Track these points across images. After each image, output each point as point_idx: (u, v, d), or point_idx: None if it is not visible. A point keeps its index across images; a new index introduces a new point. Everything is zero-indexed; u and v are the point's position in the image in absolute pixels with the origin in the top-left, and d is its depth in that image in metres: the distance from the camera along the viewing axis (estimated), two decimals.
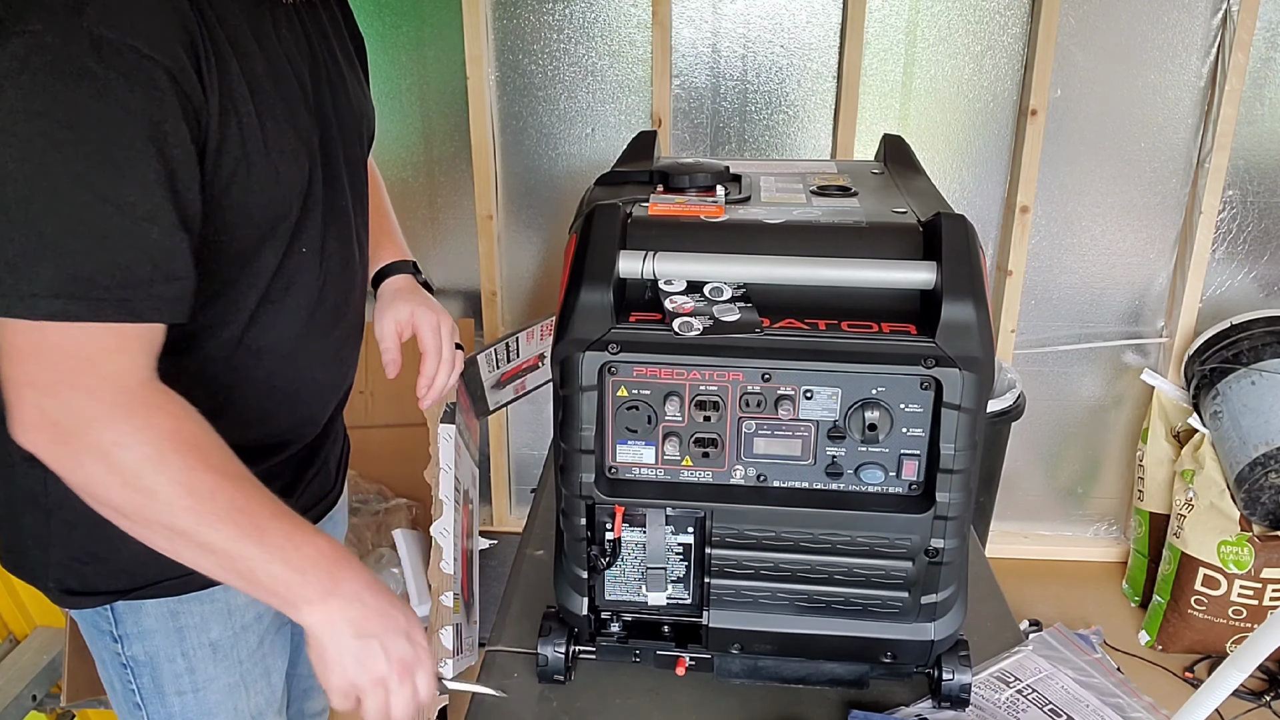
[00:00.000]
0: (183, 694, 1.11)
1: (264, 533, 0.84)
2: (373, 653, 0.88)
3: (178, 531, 0.82)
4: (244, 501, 0.84)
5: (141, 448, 0.80)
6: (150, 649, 1.08)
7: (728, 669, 1.04)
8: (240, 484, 0.85)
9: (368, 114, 1.16)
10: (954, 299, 0.87)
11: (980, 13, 2.36)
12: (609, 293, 0.90)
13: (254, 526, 0.84)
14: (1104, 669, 1.10)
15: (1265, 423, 2.30)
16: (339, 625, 0.87)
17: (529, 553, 1.32)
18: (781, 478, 0.93)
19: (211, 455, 0.84)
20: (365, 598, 0.88)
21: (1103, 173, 2.47)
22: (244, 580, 0.86)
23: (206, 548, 0.83)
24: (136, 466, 0.80)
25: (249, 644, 1.13)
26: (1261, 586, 2.33)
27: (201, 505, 0.82)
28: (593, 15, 2.39)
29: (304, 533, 0.87)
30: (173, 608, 1.07)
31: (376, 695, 0.89)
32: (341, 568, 0.88)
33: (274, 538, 0.85)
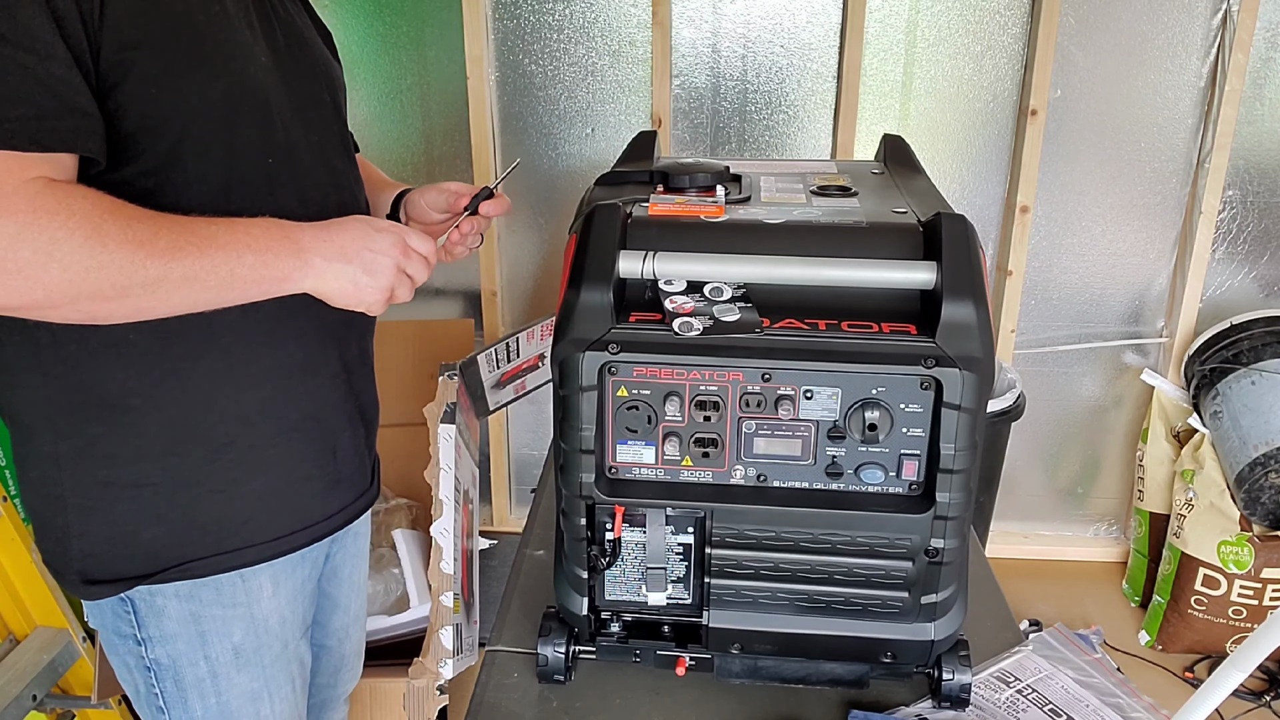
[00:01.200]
0: (205, 698, 1.11)
1: (216, 238, 0.91)
2: (370, 263, 0.99)
3: (152, 281, 0.87)
4: (181, 228, 0.89)
5: (77, 232, 0.83)
6: (173, 652, 1.08)
7: (728, 669, 1.04)
8: (165, 219, 0.89)
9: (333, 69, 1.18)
10: (954, 299, 0.87)
11: (980, 13, 2.36)
12: (609, 293, 0.90)
13: (206, 239, 0.90)
14: (1104, 669, 1.10)
15: (1265, 423, 2.30)
16: (329, 269, 0.97)
17: (529, 553, 1.32)
18: (781, 478, 0.93)
19: (132, 210, 0.88)
20: (326, 233, 0.97)
21: (1103, 173, 2.47)
22: (232, 287, 0.93)
23: (187, 280, 0.89)
24: (83, 249, 0.83)
25: (272, 650, 1.14)
26: (1261, 586, 2.33)
27: (155, 247, 0.87)
28: (593, 15, 2.39)
29: (243, 223, 0.93)
30: (194, 610, 1.08)
31: (402, 284, 1.02)
32: (290, 226, 0.96)
33: (225, 236, 0.91)
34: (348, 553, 1.31)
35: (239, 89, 0.98)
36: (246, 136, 0.99)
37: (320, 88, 1.12)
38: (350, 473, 1.20)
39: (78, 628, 1.93)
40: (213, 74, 0.95)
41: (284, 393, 1.08)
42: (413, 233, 1.03)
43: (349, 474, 1.20)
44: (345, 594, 1.34)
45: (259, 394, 1.06)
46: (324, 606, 1.32)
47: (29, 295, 0.83)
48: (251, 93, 0.99)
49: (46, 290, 0.83)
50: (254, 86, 0.99)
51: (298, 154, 1.06)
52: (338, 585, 1.32)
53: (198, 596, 1.07)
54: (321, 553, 1.22)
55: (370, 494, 1.27)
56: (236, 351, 1.03)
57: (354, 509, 1.22)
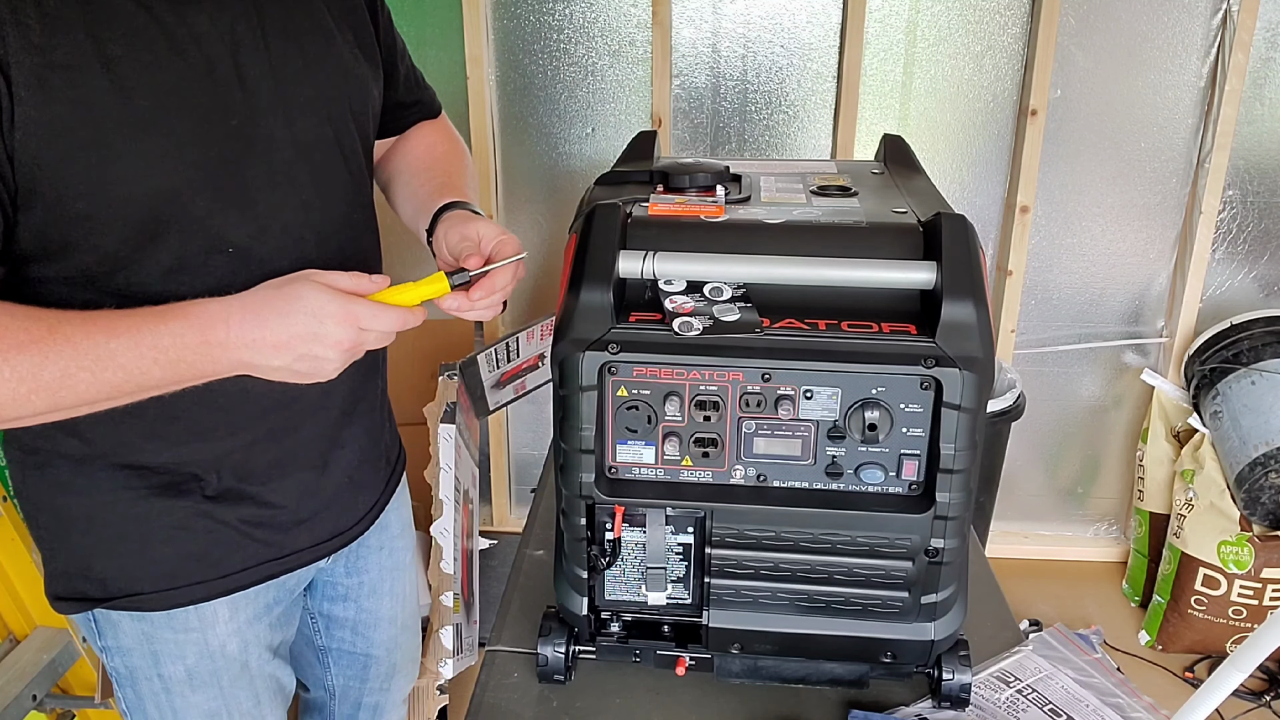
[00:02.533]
0: (161, 711, 1.11)
1: (114, 358, 0.82)
2: (312, 363, 0.87)
3: (46, 410, 0.83)
4: (72, 350, 0.81)
5: None
6: (129, 665, 1.09)
7: (728, 669, 1.04)
8: (56, 339, 0.81)
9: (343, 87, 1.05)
10: (954, 299, 0.87)
11: (980, 13, 2.36)
12: (609, 293, 0.90)
13: (100, 362, 0.82)
14: (1104, 669, 1.10)
15: (1265, 423, 2.30)
16: (261, 368, 0.87)
17: (529, 553, 1.32)
18: (781, 478, 0.93)
19: (15, 335, 0.80)
20: (252, 333, 0.85)
21: (1103, 173, 2.47)
22: (145, 391, 0.86)
23: (82, 403, 0.84)
24: None
25: (230, 672, 1.12)
26: (1261, 586, 2.33)
27: (40, 381, 0.80)
28: (593, 15, 2.39)
29: (149, 329, 0.83)
30: (147, 631, 1.07)
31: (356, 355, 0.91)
32: (206, 326, 0.84)
33: (125, 355, 0.83)
34: (384, 568, 1.31)
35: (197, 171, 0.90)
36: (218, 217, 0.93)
37: (320, 121, 1.02)
38: (318, 511, 1.15)
39: (78, 628, 1.93)
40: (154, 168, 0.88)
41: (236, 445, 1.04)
42: (368, 312, 0.89)
43: (318, 512, 1.15)
44: (388, 607, 1.34)
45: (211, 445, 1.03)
46: (365, 621, 1.33)
47: None
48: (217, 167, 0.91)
49: None
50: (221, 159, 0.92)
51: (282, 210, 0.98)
52: (377, 601, 1.32)
53: (149, 619, 1.06)
54: (299, 581, 1.19)
55: (353, 532, 1.21)
56: (201, 426, 1.01)
57: (326, 547, 1.18)
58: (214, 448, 1.03)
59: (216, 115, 0.91)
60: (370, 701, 1.41)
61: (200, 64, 0.91)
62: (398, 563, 1.34)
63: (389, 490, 1.29)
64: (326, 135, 1.03)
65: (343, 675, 1.38)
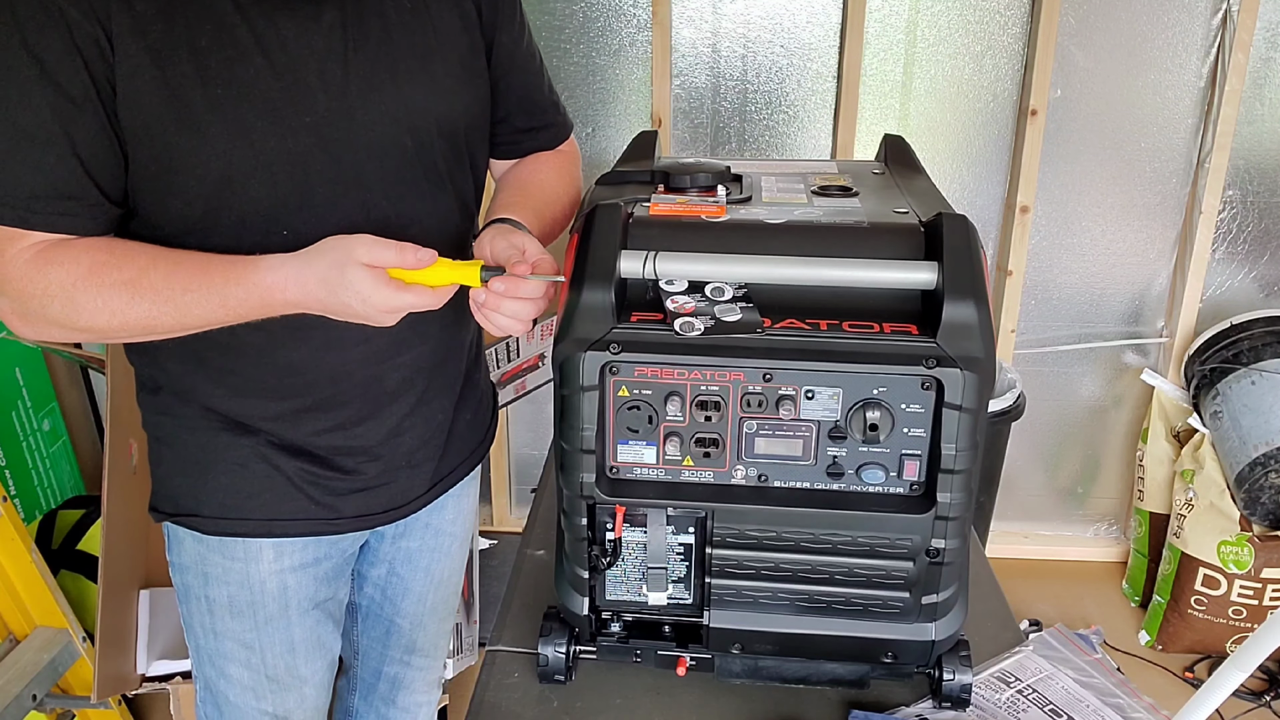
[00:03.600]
0: (205, 631, 1.22)
1: (189, 308, 0.98)
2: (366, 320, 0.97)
3: (138, 335, 1.01)
4: (155, 295, 0.97)
5: (57, 298, 0.96)
6: (186, 581, 1.21)
7: (728, 669, 1.04)
8: (149, 278, 0.97)
9: (432, 103, 1.09)
10: (955, 299, 0.87)
11: (980, 13, 2.36)
12: (610, 293, 0.90)
13: (179, 309, 0.97)
14: (1104, 669, 1.10)
15: (1265, 423, 2.30)
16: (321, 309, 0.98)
17: (529, 553, 1.32)
18: (782, 478, 0.93)
19: (111, 273, 0.96)
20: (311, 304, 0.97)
21: (1103, 173, 2.47)
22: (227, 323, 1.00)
23: (167, 332, 1.00)
24: (61, 316, 0.97)
25: (267, 609, 1.19)
26: (1261, 586, 2.33)
27: (129, 317, 0.97)
28: (593, 15, 2.39)
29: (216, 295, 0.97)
30: (202, 553, 1.18)
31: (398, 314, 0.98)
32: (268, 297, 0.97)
33: (198, 305, 0.97)
34: (426, 544, 1.34)
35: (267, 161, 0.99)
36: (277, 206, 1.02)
37: (399, 131, 1.06)
38: (372, 485, 1.20)
39: (78, 628, 1.93)
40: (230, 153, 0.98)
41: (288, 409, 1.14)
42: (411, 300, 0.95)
43: (372, 487, 1.20)
44: (421, 582, 1.37)
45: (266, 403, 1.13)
46: (395, 586, 1.36)
47: (45, 334, 1.01)
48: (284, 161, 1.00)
49: (56, 337, 1.03)
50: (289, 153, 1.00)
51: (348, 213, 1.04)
52: (412, 571, 1.35)
53: (205, 543, 1.17)
54: (353, 543, 1.25)
55: (408, 508, 1.25)
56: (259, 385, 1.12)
57: (379, 519, 1.23)
58: (269, 406, 1.12)
59: (288, 111, 0.99)
60: (390, 672, 1.44)
61: (282, 64, 0.99)
62: (442, 545, 1.36)
63: (453, 477, 1.30)
64: (405, 145, 1.07)
65: (366, 635, 1.42)
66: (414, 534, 1.32)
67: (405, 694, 1.46)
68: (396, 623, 1.39)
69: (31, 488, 2.38)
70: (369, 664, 1.45)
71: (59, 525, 2.30)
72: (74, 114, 0.93)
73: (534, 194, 1.20)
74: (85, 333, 1.00)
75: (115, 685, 1.89)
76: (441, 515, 1.33)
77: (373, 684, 1.46)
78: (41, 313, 0.98)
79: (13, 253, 0.96)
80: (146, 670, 1.96)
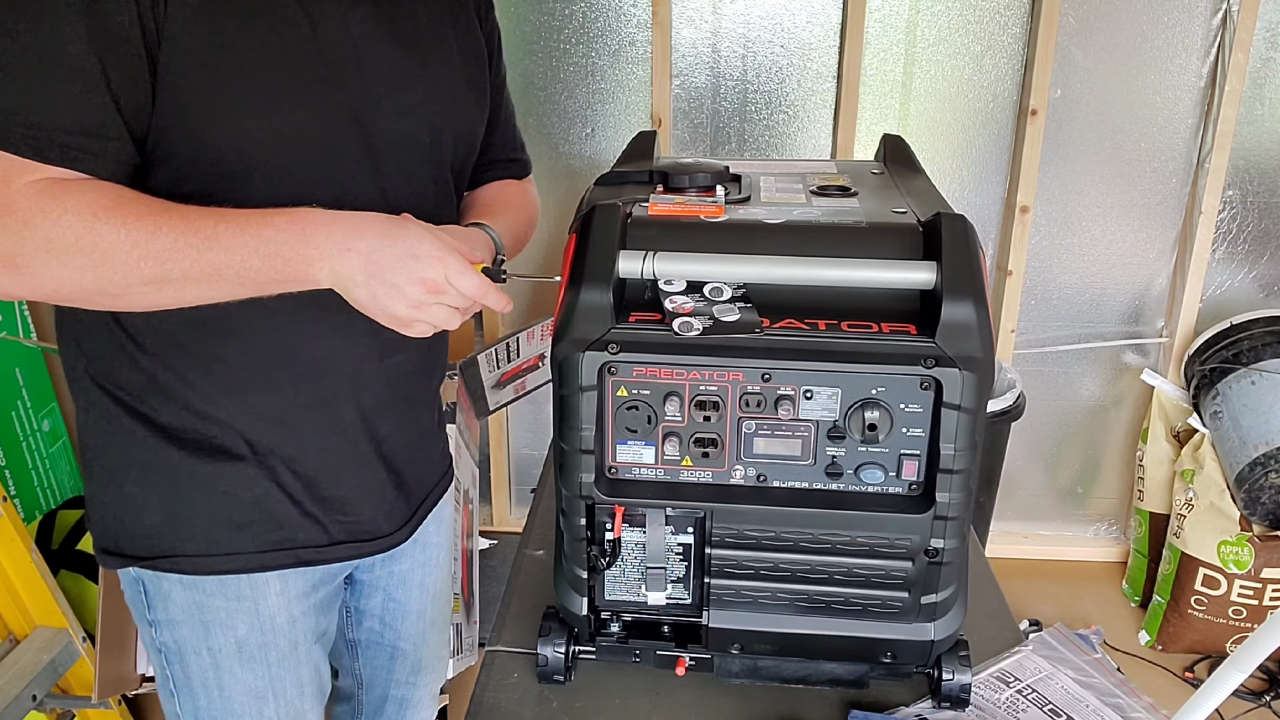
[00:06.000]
0: (209, 690, 1.12)
1: (220, 240, 0.88)
2: (391, 290, 0.91)
3: (152, 279, 0.88)
4: (184, 228, 0.88)
5: (69, 233, 0.85)
6: (178, 638, 1.10)
7: (728, 669, 1.03)
8: (170, 217, 0.88)
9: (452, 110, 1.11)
10: (954, 299, 0.87)
11: (980, 13, 2.36)
12: (609, 293, 0.89)
13: (209, 240, 0.88)
14: (1104, 669, 1.10)
15: (1265, 423, 2.30)
16: (345, 280, 0.91)
17: (529, 553, 1.32)
18: (781, 478, 0.93)
19: (134, 206, 0.88)
20: (350, 242, 0.90)
21: (1103, 173, 2.47)
22: (242, 283, 0.91)
23: (187, 279, 0.89)
24: (75, 250, 0.85)
25: (279, 648, 1.13)
26: (1261, 586, 2.33)
27: (150, 248, 0.87)
28: (593, 15, 2.39)
29: (255, 222, 0.89)
30: (197, 600, 1.08)
31: (417, 322, 0.94)
32: (309, 228, 0.90)
33: (231, 238, 0.88)
34: (416, 561, 1.31)
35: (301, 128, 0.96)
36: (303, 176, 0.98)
37: (421, 128, 1.07)
38: (362, 502, 1.16)
39: (78, 628, 1.93)
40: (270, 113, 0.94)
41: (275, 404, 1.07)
42: (458, 265, 0.94)
43: (362, 506, 1.16)
44: (418, 600, 1.34)
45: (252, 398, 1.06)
46: (393, 611, 1.33)
47: (38, 289, 0.88)
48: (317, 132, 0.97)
49: (52, 285, 0.88)
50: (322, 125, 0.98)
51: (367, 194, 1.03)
52: (407, 592, 1.32)
53: (200, 586, 1.07)
54: (341, 569, 1.20)
55: (396, 537, 1.21)
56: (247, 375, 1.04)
57: (369, 547, 1.18)
58: (255, 402, 1.05)
59: (320, 89, 0.97)
60: (397, 695, 1.42)
61: (326, 40, 0.97)
62: (430, 558, 1.34)
63: (433, 497, 1.29)
64: (424, 142, 1.08)
65: (369, 665, 1.39)
66: (404, 555, 1.28)
67: (412, 712, 1.45)
68: (400, 647, 1.37)
69: (31, 488, 2.39)
70: (374, 691, 1.42)
71: (59, 525, 2.31)
72: (112, 45, 0.85)
73: (502, 210, 1.23)
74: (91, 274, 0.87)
75: (115, 685, 1.89)
76: (425, 529, 1.30)
77: (379, 708, 1.43)
78: (45, 249, 0.85)
79: (20, 184, 0.86)
80: (146, 670, 1.96)
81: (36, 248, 0.85)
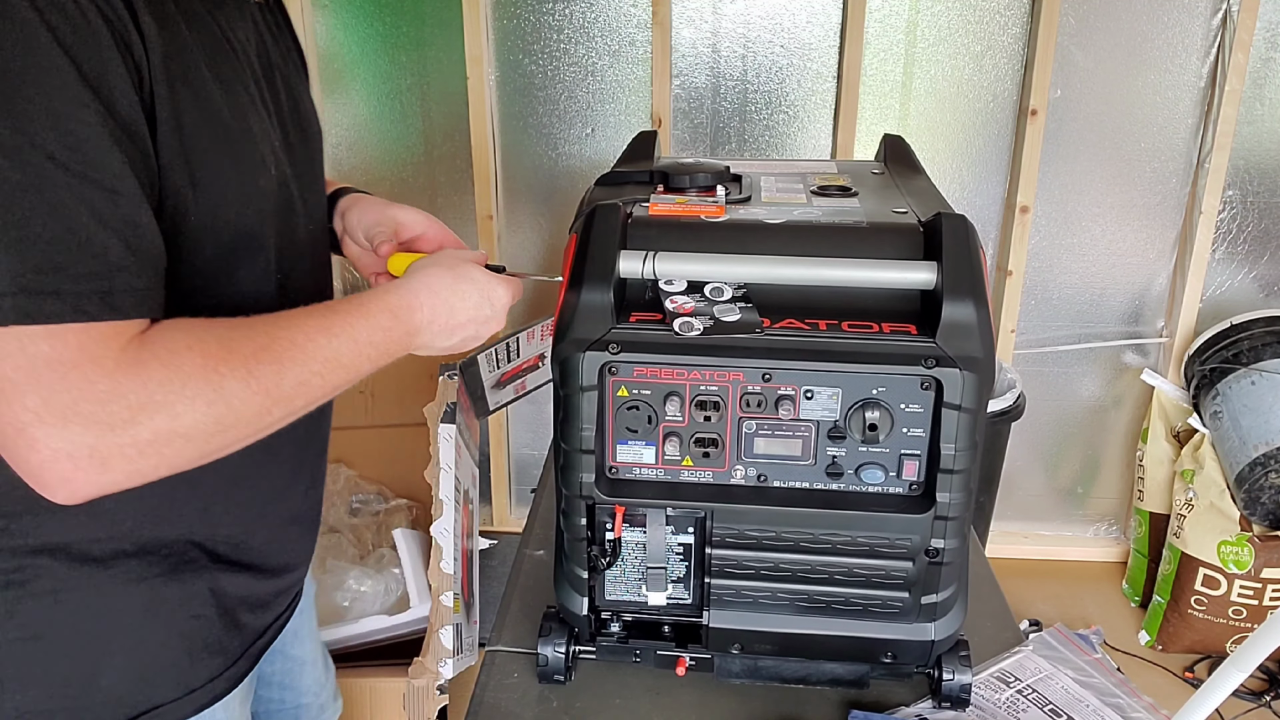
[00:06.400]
0: None
1: (338, 357, 0.80)
2: (476, 340, 0.95)
3: (276, 423, 0.78)
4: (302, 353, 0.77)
5: (198, 397, 0.70)
6: None
7: (728, 669, 1.03)
8: (282, 343, 0.77)
9: (319, 130, 1.07)
10: (954, 299, 0.87)
11: (980, 13, 2.36)
12: (609, 293, 0.90)
13: (329, 365, 0.79)
14: (1104, 669, 1.10)
15: (1265, 423, 2.30)
16: (436, 348, 0.93)
17: (529, 553, 1.32)
18: (782, 478, 0.93)
19: (242, 343, 0.74)
20: (443, 320, 0.91)
21: (1103, 173, 2.47)
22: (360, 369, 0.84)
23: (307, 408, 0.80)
24: (204, 415, 0.71)
25: None
26: (1261, 586, 2.33)
27: (282, 391, 0.76)
28: (593, 15, 2.39)
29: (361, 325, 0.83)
30: None
31: None
32: (412, 321, 0.88)
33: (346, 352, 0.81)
34: (302, 610, 1.20)
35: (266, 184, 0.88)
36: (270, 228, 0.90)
37: (314, 151, 1.04)
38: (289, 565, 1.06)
39: None
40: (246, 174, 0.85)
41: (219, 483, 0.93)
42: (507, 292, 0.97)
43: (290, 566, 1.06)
44: (310, 649, 1.26)
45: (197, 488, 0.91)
46: (291, 670, 1.23)
47: (138, 478, 0.71)
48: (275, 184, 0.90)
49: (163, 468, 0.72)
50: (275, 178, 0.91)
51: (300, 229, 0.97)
52: (300, 646, 1.23)
53: None
54: None
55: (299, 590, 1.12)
56: None
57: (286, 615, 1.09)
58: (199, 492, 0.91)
59: (265, 150, 0.89)
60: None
61: (266, 99, 0.91)
62: (306, 604, 1.23)
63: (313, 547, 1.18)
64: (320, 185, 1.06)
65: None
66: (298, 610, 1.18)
67: None
68: (303, 703, 1.27)
69: None
70: None
71: None
72: (129, 142, 0.70)
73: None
74: (216, 440, 0.73)
75: None
76: None
77: None
78: (169, 429, 0.69)
79: (113, 357, 0.68)
80: None
81: (157, 430, 0.69)
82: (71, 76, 0.67)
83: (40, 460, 0.66)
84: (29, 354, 0.66)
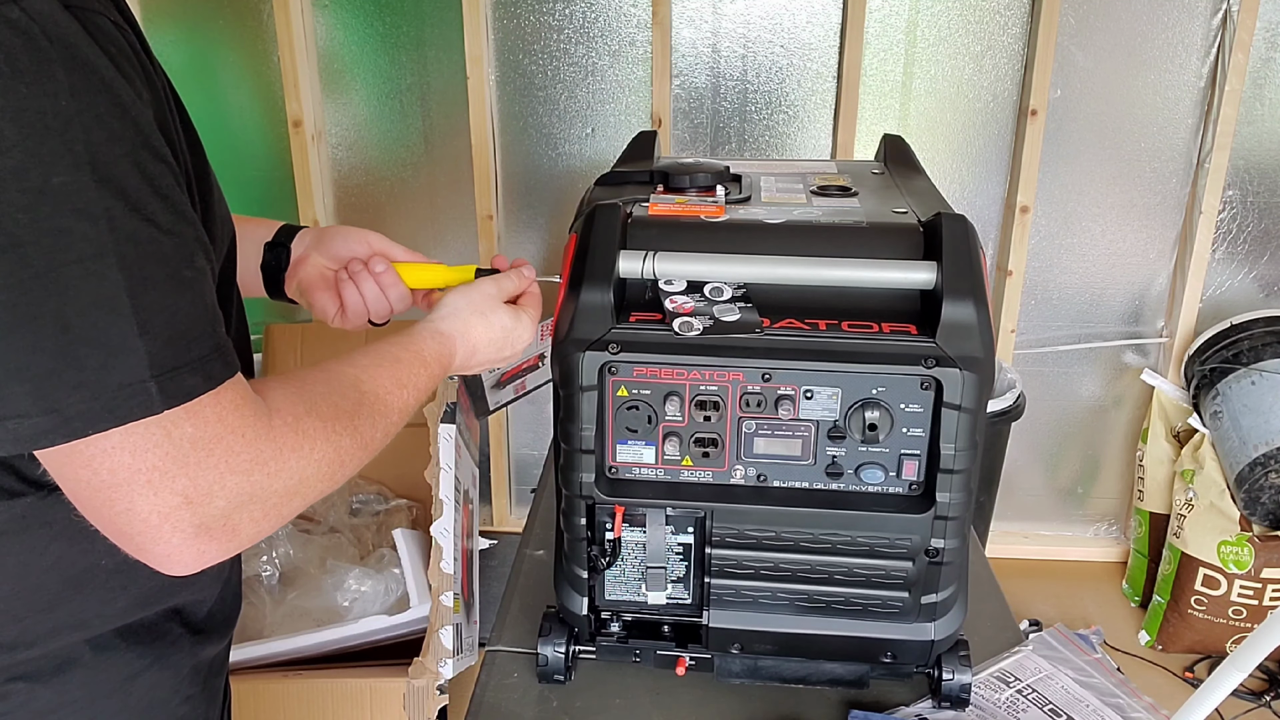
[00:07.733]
0: None
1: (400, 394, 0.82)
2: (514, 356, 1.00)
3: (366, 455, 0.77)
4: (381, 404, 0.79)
5: (318, 453, 0.70)
6: None
7: (728, 669, 1.04)
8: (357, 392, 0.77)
9: None
10: (954, 299, 0.87)
11: (980, 13, 2.36)
12: (609, 293, 0.90)
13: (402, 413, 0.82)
14: (1104, 669, 1.10)
15: (1265, 423, 2.30)
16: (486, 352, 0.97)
17: (529, 553, 1.32)
18: (781, 478, 0.93)
19: (336, 396, 0.75)
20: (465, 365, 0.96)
21: (1103, 173, 2.47)
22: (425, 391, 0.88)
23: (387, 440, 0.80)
24: (322, 472, 0.71)
25: None
26: (1261, 586, 2.33)
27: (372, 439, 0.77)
28: (593, 15, 2.39)
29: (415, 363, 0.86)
30: None
31: None
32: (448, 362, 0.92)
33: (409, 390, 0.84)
34: None
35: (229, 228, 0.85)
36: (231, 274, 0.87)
37: None
38: None
39: None
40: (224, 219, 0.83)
41: None
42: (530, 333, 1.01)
43: None
44: None
45: None
46: None
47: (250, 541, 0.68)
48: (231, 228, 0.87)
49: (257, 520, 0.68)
50: None
51: None
52: None
53: None
54: None
55: None
56: None
57: None
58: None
59: None
60: None
61: None
62: None
63: None
64: None
65: None
66: None
67: None
68: None
69: None
70: None
71: None
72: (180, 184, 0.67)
73: None
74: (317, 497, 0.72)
75: None
76: None
77: None
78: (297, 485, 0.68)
79: (238, 423, 0.64)
80: None
81: (287, 493, 0.68)
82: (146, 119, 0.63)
83: (181, 540, 0.63)
84: (174, 439, 0.61)
